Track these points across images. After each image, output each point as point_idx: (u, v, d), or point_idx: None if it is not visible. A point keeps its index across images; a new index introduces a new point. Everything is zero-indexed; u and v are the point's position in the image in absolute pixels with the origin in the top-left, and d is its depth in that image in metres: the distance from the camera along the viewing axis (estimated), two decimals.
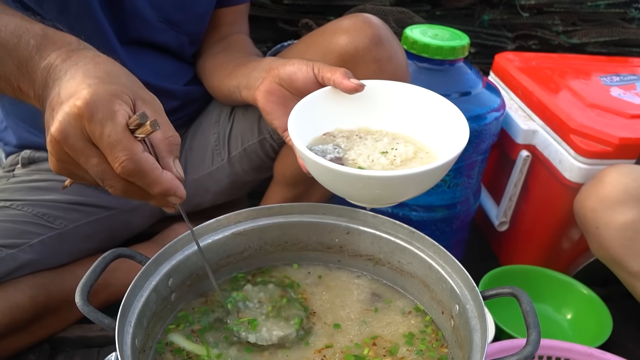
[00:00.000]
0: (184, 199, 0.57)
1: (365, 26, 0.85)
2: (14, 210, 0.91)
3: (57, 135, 0.52)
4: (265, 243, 0.75)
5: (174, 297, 0.67)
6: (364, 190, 0.61)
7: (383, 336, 0.67)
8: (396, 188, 0.62)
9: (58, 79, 0.57)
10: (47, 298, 0.89)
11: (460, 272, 0.64)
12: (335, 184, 0.64)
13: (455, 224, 1.19)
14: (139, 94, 0.57)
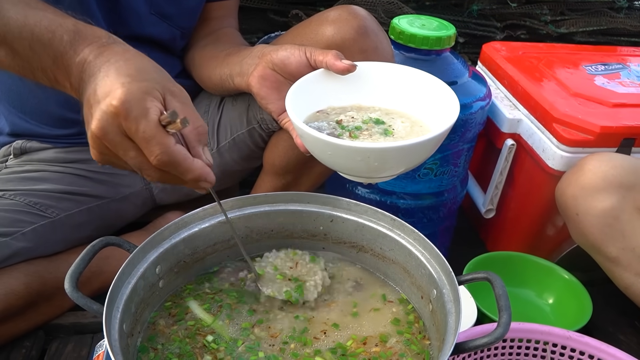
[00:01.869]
0: (213, 184, 0.62)
1: (351, 17, 0.86)
2: (7, 199, 0.93)
3: (97, 132, 0.58)
4: (251, 231, 0.78)
5: (162, 283, 0.69)
6: (363, 163, 0.63)
7: (370, 327, 0.69)
8: (395, 160, 0.64)
9: (92, 75, 0.61)
10: (41, 285, 0.91)
11: (438, 258, 0.67)
12: (334, 158, 0.65)
13: (442, 211, 1.21)
14: (168, 87, 0.61)
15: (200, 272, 0.75)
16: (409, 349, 0.65)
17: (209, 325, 0.67)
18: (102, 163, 0.63)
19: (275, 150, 1.03)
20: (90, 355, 0.90)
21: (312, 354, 0.64)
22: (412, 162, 0.67)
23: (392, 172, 0.69)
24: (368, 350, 0.65)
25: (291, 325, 0.68)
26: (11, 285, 0.87)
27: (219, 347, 0.64)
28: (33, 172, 0.99)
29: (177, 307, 0.69)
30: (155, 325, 0.66)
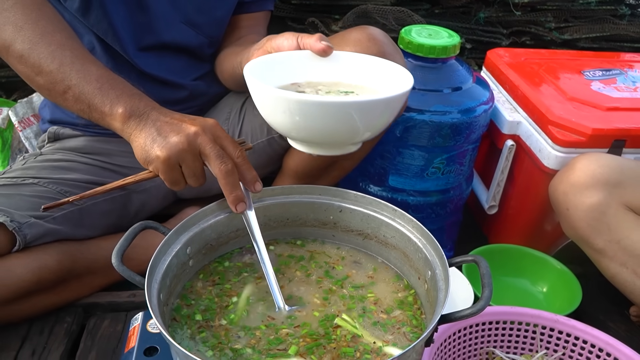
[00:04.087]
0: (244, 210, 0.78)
1: (371, 44, 0.93)
2: (41, 187, 1.02)
3: (179, 147, 0.73)
4: (269, 220, 0.87)
5: (192, 263, 0.79)
6: (318, 122, 0.68)
7: (380, 299, 0.79)
8: (351, 119, 0.68)
9: (145, 119, 0.78)
10: (72, 263, 0.99)
11: (433, 243, 0.76)
12: (288, 116, 0.69)
13: (449, 207, 1.29)
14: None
15: (224, 254, 0.85)
16: (410, 322, 0.74)
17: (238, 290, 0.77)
18: (167, 180, 0.77)
19: (297, 159, 1.11)
20: (126, 328, 1.01)
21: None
22: (371, 123, 0.71)
23: (346, 138, 0.72)
24: (377, 312, 0.76)
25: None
26: (45, 260, 0.96)
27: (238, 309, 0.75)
28: (64, 161, 1.09)
29: (217, 275, 0.81)
30: (193, 287, 0.77)
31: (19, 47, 0.82)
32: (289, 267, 0.84)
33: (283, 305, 0.75)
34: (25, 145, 1.33)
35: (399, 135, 1.14)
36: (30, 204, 0.98)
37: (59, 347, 0.97)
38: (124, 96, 0.79)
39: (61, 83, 0.81)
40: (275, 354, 0.68)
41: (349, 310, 0.76)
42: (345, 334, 0.72)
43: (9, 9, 0.83)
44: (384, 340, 0.71)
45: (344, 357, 0.68)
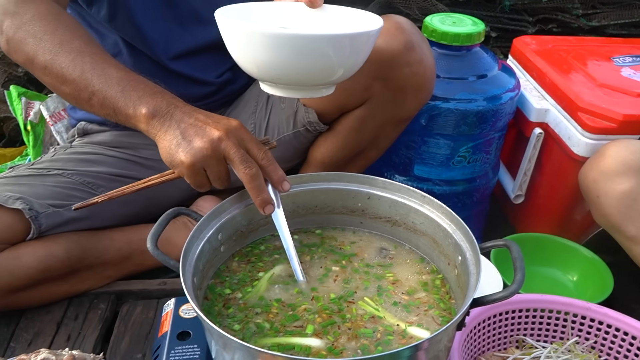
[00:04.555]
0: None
1: (398, 33, 0.94)
2: (65, 178, 1.04)
3: (204, 152, 0.74)
4: (297, 207, 0.88)
5: (223, 248, 0.81)
6: (291, 57, 0.68)
7: (401, 280, 0.80)
8: (321, 54, 0.68)
9: (169, 119, 0.78)
10: (81, 253, 1.01)
11: (463, 228, 0.76)
12: (259, 52, 0.69)
13: (475, 196, 1.29)
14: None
15: (254, 240, 0.86)
16: (438, 305, 0.74)
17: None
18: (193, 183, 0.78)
19: (324, 150, 1.12)
20: (158, 315, 1.03)
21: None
22: (341, 60, 0.71)
23: (323, 73, 0.71)
24: (397, 293, 0.76)
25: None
26: (52, 249, 0.97)
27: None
28: (91, 154, 1.11)
29: (253, 256, 0.83)
30: (228, 267, 0.80)
31: (42, 58, 0.84)
32: (309, 250, 0.86)
33: (302, 277, 0.77)
34: (56, 139, 1.36)
35: (424, 124, 1.14)
36: (51, 193, 1.00)
37: (93, 333, 0.99)
38: (145, 96, 0.80)
39: (85, 90, 0.82)
40: (293, 331, 0.70)
41: (365, 288, 0.77)
42: (362, 314, 0.73)
43: (28, 22, 0.85)
44: (408, 321, 0.72)
45: (363, 337, 0.69)
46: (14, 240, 0.95)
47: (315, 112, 1.05)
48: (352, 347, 0.68)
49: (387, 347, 0.68)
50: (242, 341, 0.57)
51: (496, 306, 0.89)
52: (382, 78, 0.97)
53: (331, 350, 0.67)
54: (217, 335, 0.61)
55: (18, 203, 0.94)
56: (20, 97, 1.36)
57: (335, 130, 1.08)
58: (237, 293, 0.77)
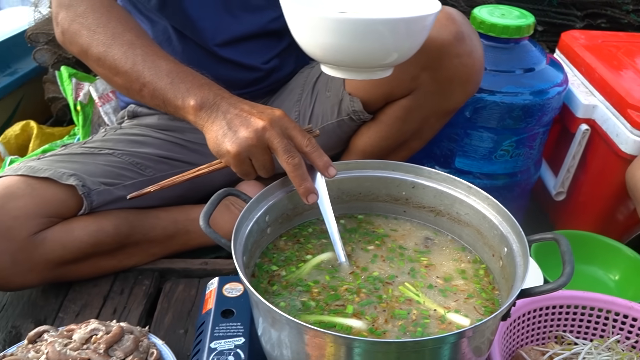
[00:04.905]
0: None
1: (449, 23, 0.94)
2: (116, 157, 1.08)
3: (250, 141, 0.77)
4: (342, 193, 0.89)
5: (269, 230, 0.82)
6: (348, 40, 0.71)
7: (435, 265, 0.81)
8: (378, 37, 0.71)
9: (216, 110, 0.81)
10: (129, 229, 1.04)
11: (510, 220, 0.76)
12: (320, 36, 0.72)
13: (515, 191, 1.28)
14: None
15: (298, 224, 0.88)
16: (479, 295, 0.75)
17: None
18: (240, 171, 0.80)
19: (367, 139, 1.12)
20: (199, 293, 1.06)
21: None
22: (397, 43, 0.73)
23: (380, 56, 0.74)
24: (431, 275, 0.78)
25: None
26: (102, 224, 1.01)
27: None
28: (139, 136, 1.14)
29: (302, 237, 0.85)
30: (276, 245, 0.83)
31: (95, 50, 0.88)
32: (350, 235, 0.87)
33: (345, 259, 0.79)
34: (104, 120, 1.40)
35: (468, 116, 1.14)
36: (103, 172, 1.04)
37: (138, 307, 1.03)
38: (193, 88, 0.83)
39: (136, 82, 0.86)
40: (336, 309, 0.71)
41: (400, 270, 0.79)
42: (398, 295, 0.74)
43: (81, 15, 0.89)
44: (445, 306, 0.73)
45: (398, 318, 0.70)
46: (66, 215, 0.99)
47: (360, 101, 1.06)
48: (390, 328, 0.69)
49: (426, 330, 0.69)
50: (293, 317, 0.59)
51: (537, 301, 0.89)
52: (431, 68, 0.97)
53: (372, 332, 0.68)
54: (267, 312, 0.63)
55: (72, 179, 0.97)
56: (71, 78, 1.41)
57: (379, 120, 1.08)
58: (282, 271, 0.79)
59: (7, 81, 1.60)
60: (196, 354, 0.83)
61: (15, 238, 0.92)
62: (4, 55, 1.65)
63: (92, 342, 0.83)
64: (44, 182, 0.96)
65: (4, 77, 1.62)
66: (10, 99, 1.61)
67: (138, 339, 0.85)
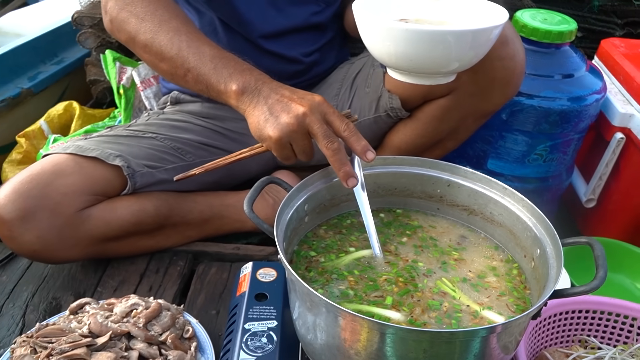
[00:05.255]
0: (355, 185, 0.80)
1: None
2: (158, 141, 1.12)
3: (291, 126, 0.79)
4: (378, 187, 0.92)
5: (307, 219, 0.85)
6: (413, 49, 0.75)
7: (466, 260, 0.83)
8: (440, 47, 0.74)
9: (258, 95, 0.84)
10: (168, 211, 1.09)
11: (544, 222, 0.77)
12: (388, 43, 0.76)
13: (546, 196, 1.28)
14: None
15: (334, 215, 0.91)
16: (511, 293, 0.77)
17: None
18: (279, 155, 0.82)
19: (402, 136, 1.14)
20: (231, 277, 1.09)
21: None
22: (460, 53, 0.76)
23: (443, 63, 0.77)
24: (464, 269, 0.80)
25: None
26: (144, 204, 1.06)
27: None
28: (181, 122, 1.18)
29: (343, 228, 0.88)
30: (316, 233, 0.86)
31: (142, 37, 0.91)
32: (388, 227, 0.89)
33: (380, 253, 0.81)
34: (145, 104, 1.44)
35: (504, 118, 1.15)
36: (146, 154, 1.08)
37: (172, 287, 1.07)
38: (235, 74, 0.85)
39: (181, 67, 0.89)
40: (375, 301, 0.73)
41: (433, 263, 0.82)
42: (432, 286, 0.77)
43: (130, 3, 0.93)
44: (479, 302, 0.75)
45: (431, 309, 0.73)
46: (111, 194, 1.03)
47: (399, 99, 1.08)
48: (427, 319, 0.72)
49: (459, 323, 0.71)
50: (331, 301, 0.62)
51: (564, 304, 0.90)
52: (472, 69, 0.97)
53: (412, 323, 0.71)
54: (306, 295, 0.66)
55: (118, 160, 1.01)
56: (115, 62, 1.45)
57: (416, 118, 1.10)
58: (321, 257, 0.82)
59: (54, 70, 1.65)
60: (230, 333, 0.86)
61: (62, 213, 0.96)
62: (52, 44, 1.70)
63: (132, 316, 0.87)
64: (91, 162, 1.00)
65: (51, 65, 1.67)
66: (56, 87, 1.67)
67: (175, 316, 0.89)
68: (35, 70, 1.63)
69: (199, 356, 0.86)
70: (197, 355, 0.86)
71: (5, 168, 1.37)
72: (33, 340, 0.82)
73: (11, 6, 2.39)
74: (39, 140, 1.42)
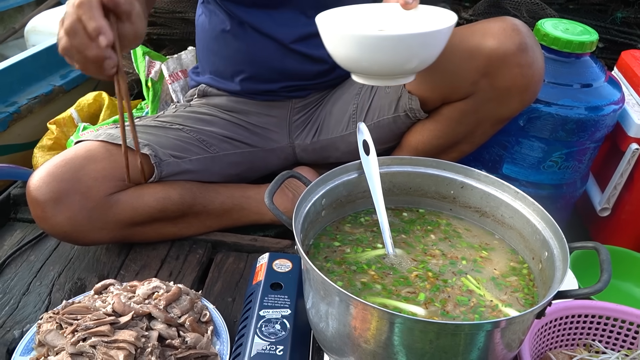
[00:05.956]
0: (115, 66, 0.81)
1: (514, 34, 0.98)
2: (185, 133, 1.17)
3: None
4: (393, 186, 0.95)
5: (324, 214, 0.89)
6: (370, 53, 0.82)
7: (492, 260, 0.86)
8: (412, 48, 0.81)
9: None
10: (192, 200, 1.13)
11: (553, 227, 0.80)
12: (348, 49, 0.84)
13: (559, 203, 1.30)
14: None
15: (350, 212, 0.94)
16: (522, 289, 0.80)
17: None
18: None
19: (420, 137, 1.17)
20: (248, 266, 1.13)
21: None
22: (413, 54, 0.83)
23: (398, 66, 0.84)
24: (489, 267, 0.83)
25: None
26: (169, 192, 1.10)
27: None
28: (207, 115, 1.23)
29: (375, 226, 0.91)
30: (339, 227, 0.89)
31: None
32: (408, 226, 0.92)
33: (392, 250, 0.84)
34: (172, 97, 1.49)
35: (522, 124, 1.17)
36: (172, 145, 1.13)
37: (191, 273, 1.11)
38: None
39: None
40: (406, 296, 0.76)
41: (461, 262, 0.84)
42: (460, 285, 0.79)
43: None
44: (501, 299, 0.77)
45: (461, 305, 0.76)
46: (138, 181, 1.08)
47: (418, 100, 1.11)
48: (457, 314, 0.75)
49: (482, 317, 0.74)
50: (344, 290, 0.65)
51: (570, 308, 0.93)
52: (491, 75, 1.01)
53: (444, 315, 0.74)
54: (320, 283, 0.69)
55: (146, 149, 1.06)
56: (145, 55, 1.50)
57: (434, 119, 1.13)
58: (347, 248, 0.85)
59: None
60: (245, 319, 0.90)
61: (93, 197, 1.01)
62: None
63: (154, 298, 0.91)
64: (121, 149, 1.05)
65: None
66: (87, 85, 1.72)
67: (193, 300, 0.94)
68: (67, 69, 1.69)
69: (214, 340, 0.91)
70: (213, 338, 0.90)
71: (36, 153, 1.43)
72: (59, 317, 0.86)
73: (45, 5, 2.47)
74: (69, 127, 1.48)
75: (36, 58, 1.61)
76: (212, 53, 1.23)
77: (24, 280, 1.08)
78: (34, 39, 1.91)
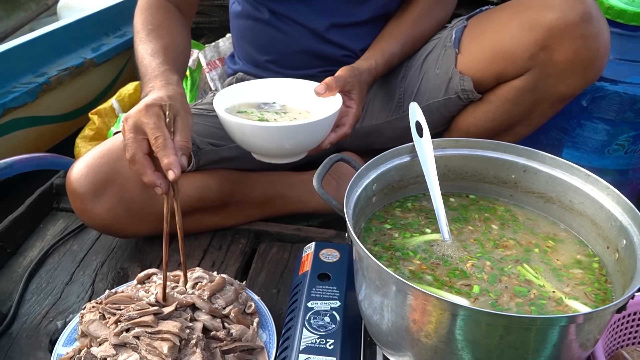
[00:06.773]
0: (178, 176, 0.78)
1: (577, 2, 0.90)
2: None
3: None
4: (448, 170, 0.88)
5: (375, 199, 0.83)
6: (250, 138, 0.89)
7: (557, 250, 0.79)
8: (271, 139, 0.87)
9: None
10: (231, 188, 1.10)
11: (632, 211, 0.72)
12: (239, 135, 0.90)
13: (625, 190, 1.19)
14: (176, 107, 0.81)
15: (401, 198, 0.88)
16: (592, 284, 0.72)
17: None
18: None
19: (472, 120, 1.10)
20: (292, 257, 1.09)
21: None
22: (305, 140, 0.90)
23: (282, 150, 0.90)
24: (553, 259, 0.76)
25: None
26: (208, 181, 1.07)
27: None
28: None
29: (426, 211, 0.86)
30: (388, 211, 0.85)
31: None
32: (463, 212, 0.87)
33: (449, 237, 0.78)
34: (210, 85, 1.46)
35: (584, 105, 1.09)
36: (210, 133, 1.10)
37: (234, 263, 1.08)
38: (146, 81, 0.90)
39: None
40: (459, 289, 0.70)
41: (522, 251, 0.78)
42: (518, 274, 0.73)
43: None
44: (564, 292, 0.71)
45: (519, 296, 0.69)
46: None
47: (471, 80, 1.04)
48: (512, 306, 0.69)
49: (541, 310, 0.68)
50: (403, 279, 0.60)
51: None
52: (551, 48, 0.93)
53: (494, 307, 0.68)
54: (375, 272, 0.64)
55: None
56: None
57: (487, 100, 1.05)
58: (395, 232, 0.80)
59: (117, 43, 1.70)
60: (292, 311, 0.85)
61: (131, 188, 0.99)
62: (115, 18, 1.75)
63: (197, 288, 0.88)
64: None
65: (114, 38, 1.73)
66: (118, 60, 1.72)
67: (238, 291, 0.90)
68: (99, 42, 1.68)
69: (260, 332, 0.87)
70: (259, 330, 0.86)
71: (78, 143, 1.42)
72: (102, 307, 0.84)
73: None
74: (110, 117, 1.47)
75: (67, 30, 1.59)
76: (247, 41, 1.19)
77: (67, 270, 1.06)
78: (67, 15, 1.91)
